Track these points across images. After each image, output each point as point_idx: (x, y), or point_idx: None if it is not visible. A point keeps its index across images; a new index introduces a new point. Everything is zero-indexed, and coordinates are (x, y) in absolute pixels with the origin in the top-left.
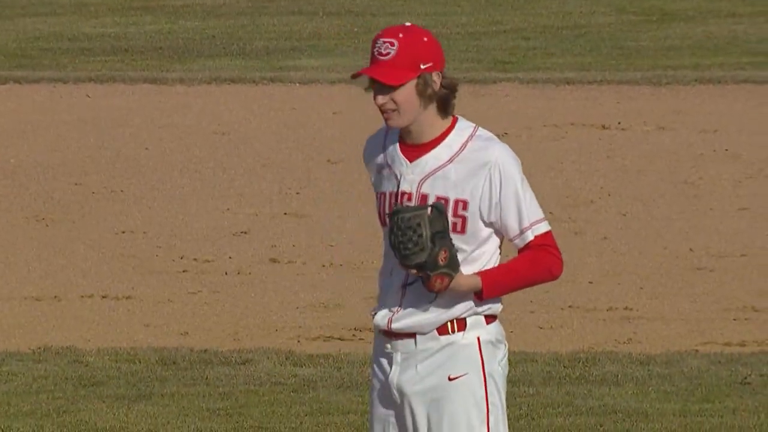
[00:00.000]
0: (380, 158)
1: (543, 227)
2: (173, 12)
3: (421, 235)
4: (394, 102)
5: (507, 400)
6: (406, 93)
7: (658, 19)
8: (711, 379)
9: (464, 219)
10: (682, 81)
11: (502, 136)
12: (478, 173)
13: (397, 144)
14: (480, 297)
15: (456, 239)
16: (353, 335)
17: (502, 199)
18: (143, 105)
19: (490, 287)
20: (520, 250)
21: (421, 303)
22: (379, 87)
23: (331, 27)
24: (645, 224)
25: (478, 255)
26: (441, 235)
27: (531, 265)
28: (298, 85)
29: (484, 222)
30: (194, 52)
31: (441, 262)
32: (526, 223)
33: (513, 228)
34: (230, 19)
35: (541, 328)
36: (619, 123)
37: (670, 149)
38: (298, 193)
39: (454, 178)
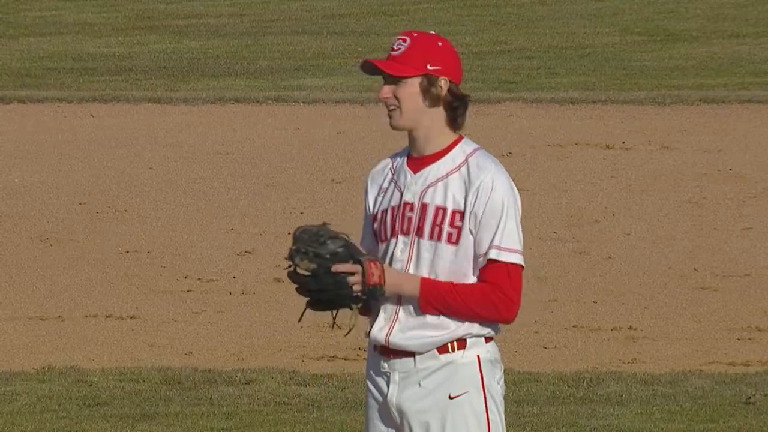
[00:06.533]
0: (385, 181)
1: (513, 258)
2: (177, 32)
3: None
4: (396, 98)
5: (512, 419)
6: (409, 90)
7: (662, 40)
8: (715, 399)
9: (459, 229)
10: (686, 101)
11: (507, 156)
12: (474, 186)
13: (405, 159)
14: (419, 304)
15: (448, 251)
16: (357, 355)
17: (485, 214)
18: (147, 124)
19: (428, 294)
20: (479, 275)
21: (417, 317)
22: (385, 79)
23: (335, 46)
24: (649, 244)
25: (467, 270)
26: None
27: (476, 293)
28: (302, 104)
29: (472, 234)
30: (198, 72)
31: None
32: (496, 242)
33: (483, 244)
34: (234, 38)
35: (545, 347)
36: (623, 143)
37: (674, 169)
38: (302, 213)
39: (453, 189)
